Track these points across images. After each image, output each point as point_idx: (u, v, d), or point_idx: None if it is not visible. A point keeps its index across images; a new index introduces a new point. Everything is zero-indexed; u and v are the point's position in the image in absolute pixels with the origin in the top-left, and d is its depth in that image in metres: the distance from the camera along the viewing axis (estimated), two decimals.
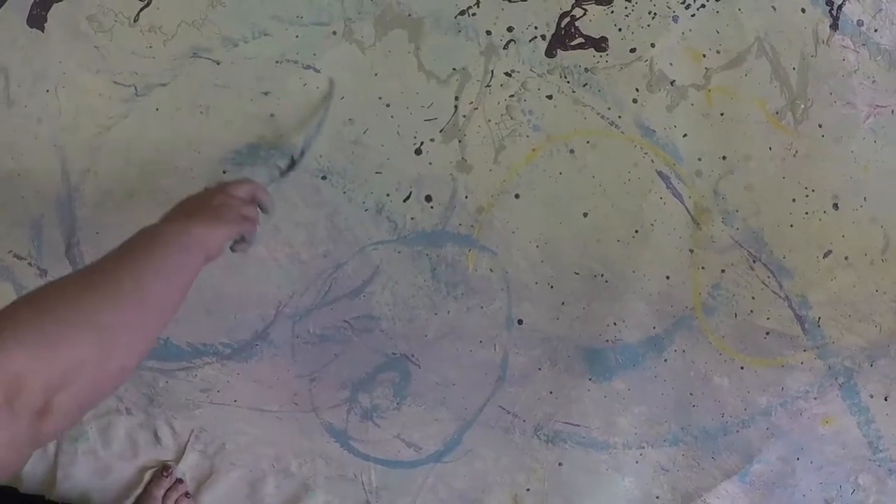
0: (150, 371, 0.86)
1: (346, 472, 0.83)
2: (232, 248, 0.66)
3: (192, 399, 0.85)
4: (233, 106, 0.83)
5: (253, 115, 0.82)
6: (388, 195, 0.80)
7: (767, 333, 0.80)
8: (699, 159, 0.79)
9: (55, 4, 0.87)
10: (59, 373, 0.43)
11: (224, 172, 0.83)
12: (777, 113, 0.79)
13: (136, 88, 0.85)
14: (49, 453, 0.88)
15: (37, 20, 0.88)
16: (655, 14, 0.78)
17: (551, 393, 0.80)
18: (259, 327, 0.83)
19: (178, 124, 0.84)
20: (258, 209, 0.68)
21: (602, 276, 0.79)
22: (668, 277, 0.79)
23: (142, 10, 0.85)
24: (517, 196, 0.79)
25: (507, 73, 0.79)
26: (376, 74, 0.80)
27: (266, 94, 0.82)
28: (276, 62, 0.82)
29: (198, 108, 0.83)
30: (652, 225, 0.78)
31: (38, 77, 0.87)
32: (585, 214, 0.78)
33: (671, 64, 0.78)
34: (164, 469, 0.86)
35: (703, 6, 0.78)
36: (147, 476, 0.86)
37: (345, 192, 0.81)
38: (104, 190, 0.86)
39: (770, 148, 0.79)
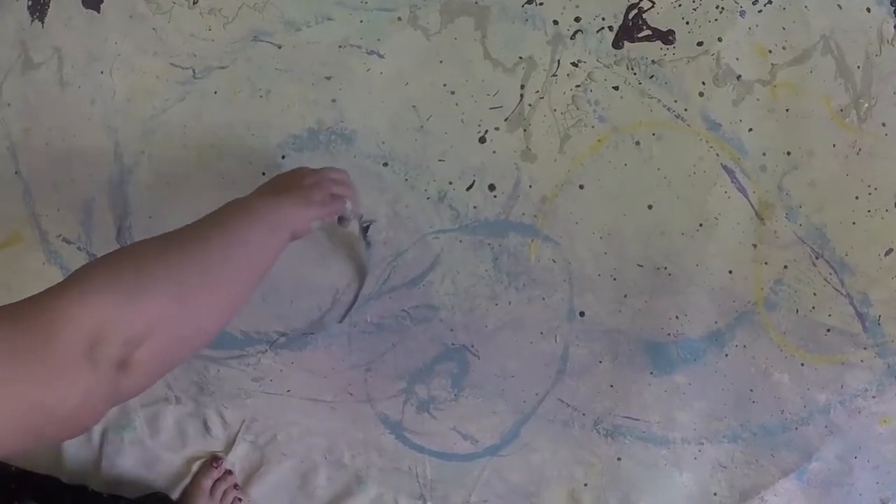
0: (201, 359, 0.83)
1: (401, 464, 0.81)
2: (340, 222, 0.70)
3: (243, 388, 0.83)
4: (293, 90, 0.81)
5: (314, 100, 0.81)
6: (450, 183, 0.78)
7: (828, 330, 0.79)
8: (764, 154, 0.78)
9: None
10: (141, 326, 0.42)
11: (283, 158, 0.81)
12: (841, 110, 0.78)
13: (194, 71, 0.83)
14: (94, 443, 0.85)
15: (93, 1, 0.85)
16: (723, 9, 0.77)
17: (612, 386, 0.78)
18: (315, 316, 0.81)
19: (236, 108, 0.83)
20: (347, 207, 0.68)
21: (665, 268, 0.77)
22: (730, 272, 0.77)
23: None
24: (581, 187, 0.77)
25: (573, 64, 0.78)
26: (441, 62, 0.79)
27: (328, 78, 0.80)
28: (340, 47, 0.80)
29: (257, 92, 0.82)
30: (716, 219, 0.77)
31: (93, 58, 0.85)
32: (650, 207, 0.77)
33: (737, 59, 0.77)
34: (213, 460, 0.83)
35: (769, 2, 0.77)
36: (195, 467, 0.83)
37: (406, 180, 0.79)
38: (158, 173, 0.84)
39: (834, 145, 0.78)
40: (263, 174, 0.81)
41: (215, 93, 0.83)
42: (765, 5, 0.78)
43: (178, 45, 0.84)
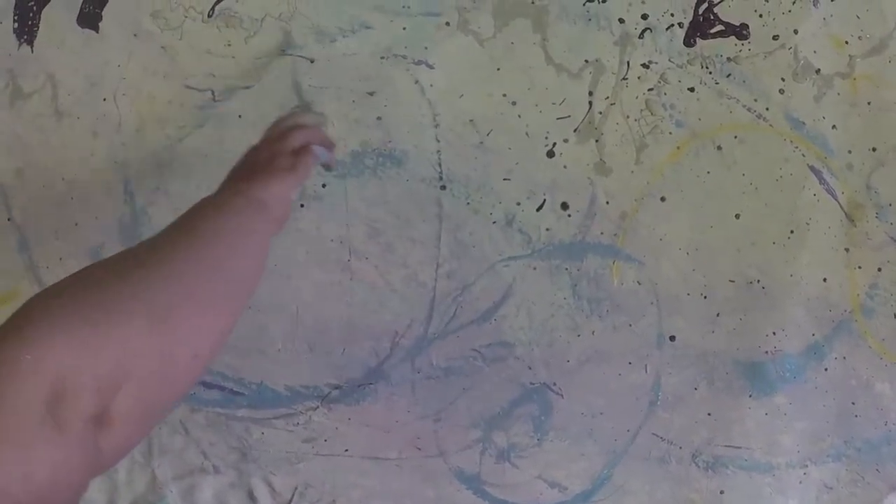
0: (241, 421, 0.72)
1: None
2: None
3: (293, 451, 0.72)
4: (332, 109, 0.72)
5: (356, 118, 0.72)
6: (518, 204, 0.70)
7: None
8: (849, 152, 0.72)
9: (111, 0, 0.73)
10: (111, 366, 0.33)
11: (323, 186, 0.71)
12: None
13: (213, 93, 0.72)
14: None
15: (89, 19, 0.74)
16: None
17: (709, 415, 0.70)
18: (373, 363, 0.71)
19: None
20: (317, 154, 0.61)
21: (758, 282, 0.70)
22: (825, 280, 0.71)
23: (217, 3, 0.73)
24: (663, 199, 0.70)
25: (644, 65, 0.70)
26: (498, 69, 0.70)
27: (371, 94, 0.71)
28: (382, 58, 0.71)
29: None
30: (807, 224, 0.71)
31: (93, 84, 0.74)
32: (737, 216, 0.70)
33: (815, 52, 0.72)
34: None
35: None
36: None
37: (469, 203, 0.70)
38: (177, 211, 0.71)
39: None
40: (302, 206, 0.71)
41: (239, 116, 0.72)
42: None
43: (193, 65, 0.73)
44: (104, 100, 0.75)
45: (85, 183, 0.75)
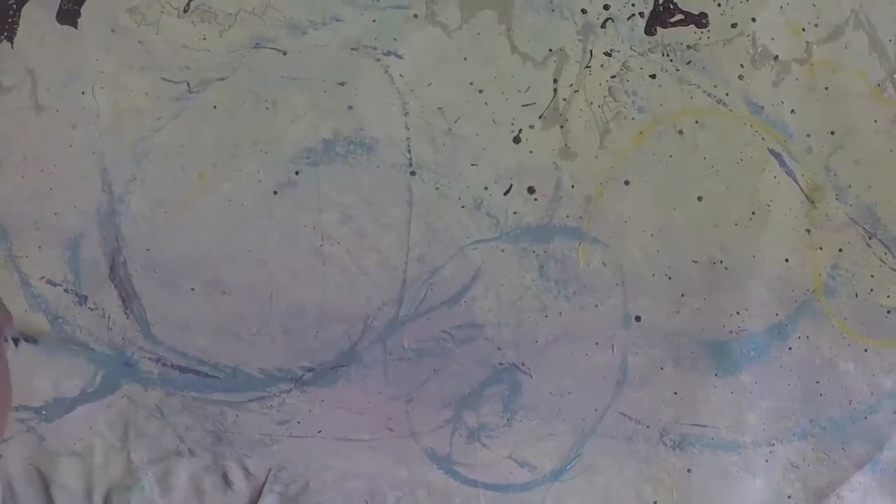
0: (216, 404, 0.74)
1: (452, 501, 0.73)
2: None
3: (267, 433, 0.73)
4: (303, 99, 0.73)
5: (327, 108, 0.73)
6: (486, 189, 0.71)
7: (889, 312, 0.75)
8: (808, 135, 0.74)
9: None
10: None
11: (297, 174, 0.72)
12: (878, 85, 0.74)
13: (188, 85, 0.74)
14: None
15: (68, 15, 0.76)
16: None
17: (676, 393, 0.72)
18: (345, 346, 0.72)
19: (239, 122, 0.74)
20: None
21: (721, 262, 0.71)
22: (787, 260, 0.72)
23: None
24: (627, 182, 0.71)
25: (606, 53, 0.72)
26: (465, 59, 0.72)
27: (342, 84, 0.73)
28: (352, 49, 0.73)
29: (263, 104, 0.74)
30: (768, 206, 0.72)
31: (71, 78, 0.76)
32: (700, 198, 0.71)
33: (773, 38, 0.74)
34: None
35: None
36: None
37: (438, 188, 0.71)
38: (154, 199, 0.74)
39: (875, 121, 0.75)
40: (275, 193, 0.72)
41: (214, 107, 0.74)
42: None
43: (169, 58, 0.74)
44: (83, 93, 0.77)
45: (64, 173, 0.77)
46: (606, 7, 0.75)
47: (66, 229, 0.78)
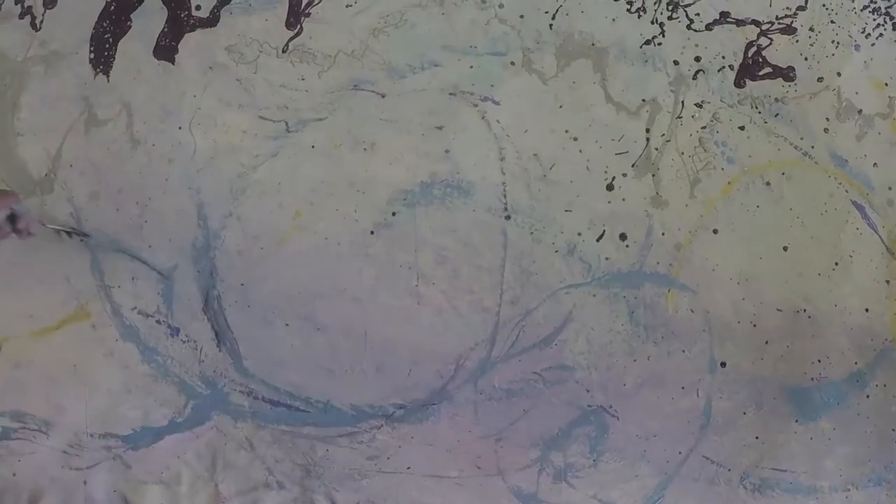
0: (307, 438, 0.75)
1: None
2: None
3: (356, 468, 0.74)
4: (401, 142, 0.75)
5: (425, 151, 0.75)
6: (579, 234, 0.73)
7: None
8: (889, 188, 0.77)
9: (187, 35, 0.76)
10: None
11: (393, 215, 0.74)
12: None
13: (286, 124, 0.76)
14: None
15: (165, 51, 0.78)
16: (838, 43, 0.76)
17: (757, 438, 0.74)
18: (437, 385, 0.74)
19: (337, 163, 0.76)
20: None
21: (804, 311, 0.74)
22: (867, 310, 0.75)
23: (291, 39, 0.77)
24: (715, 231, 0.73)
25: (697, 105, 0.75)
26: (561, 106, 0.74)
27: (440, 128, 0.74)
28: (450, 94, 0.75)
29: (360, 145, 0.75)
30: (850, 256, 0.75)
31: (168, 113, 0.77)
32: (785, 248, 0.74)
33: (857, 93, 0.77)
34: None
35: (881, 35, 0.76)
36: None
37: (532, 233, 0.73)
38: (250, 235, 0.76)
39: None
40: (372, 233, 0.74)
41: (312, 147, 0.75)
42: (877, 38, 0.77)
43: (267, 97, 0.76)
44: (179, 128, 0.78)
45: (159, 207, 0.78)
46: (698, 59, 0.77)
47: (160, 262, 0.79)
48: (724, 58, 0.79)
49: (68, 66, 0.81)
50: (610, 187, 0.78)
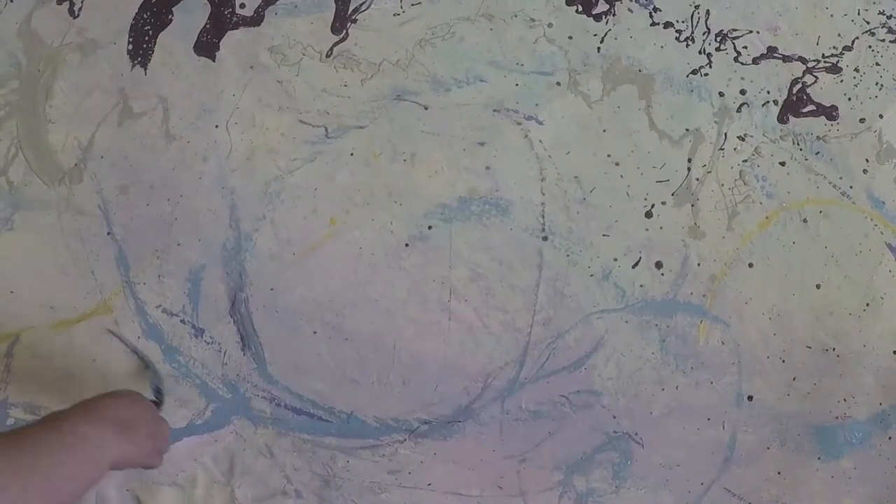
0: (328, 448, 0.75)
1: None
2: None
3: (377, 481, 0.74)
4: (442, 155, 0.75)
5: (466, 166, 0.75)
6: (615, 260, 0.73)
7: None
8: None
9: (229, 32, 0.75)
10: None
11: (430, 228, 0.74)
12: None
13: (326, 130, 0.75)
14: None
15: (206, 48, 0.77)
16: (882, 85, 0.76)
17: (779, 473, 0.74)
18: (463, 402, 0.73)
19: (375, 172, 0.75)
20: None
21: (833, 349, 0.74)
22: (894, 352, 0.74)
23: (336, 44, 0.76)
24: (751, 265, 0.74)
25: (739, 137, 0.75)
26: (604, 131, 0.74)
27: (481, 144, 0.74)
28: (494, 111, 0.75)
29: (400, 156, 0.75)
30: (882, 298, 0.76)
31: (205, 110, 0.77)
32: (818, 286, 0.74)
33: None
34: None
35: None
36: None
37: (568, 255, 0.73)
38: (283, 240, 0.75)
39: None
40: (406, 245, 0.73)
41: (351, 154, 0.75)
42: None
43: (308, 101, 0.75)
44: (216, 126, 0.78)
45: (191, 205, 0.77)
46: (743, 92, 0.78)
47: (188, 261, 0.79)
48: (768, 92, 0.79)
49: (105, 56, 0.80)
50: (649, 214, 0.78)
